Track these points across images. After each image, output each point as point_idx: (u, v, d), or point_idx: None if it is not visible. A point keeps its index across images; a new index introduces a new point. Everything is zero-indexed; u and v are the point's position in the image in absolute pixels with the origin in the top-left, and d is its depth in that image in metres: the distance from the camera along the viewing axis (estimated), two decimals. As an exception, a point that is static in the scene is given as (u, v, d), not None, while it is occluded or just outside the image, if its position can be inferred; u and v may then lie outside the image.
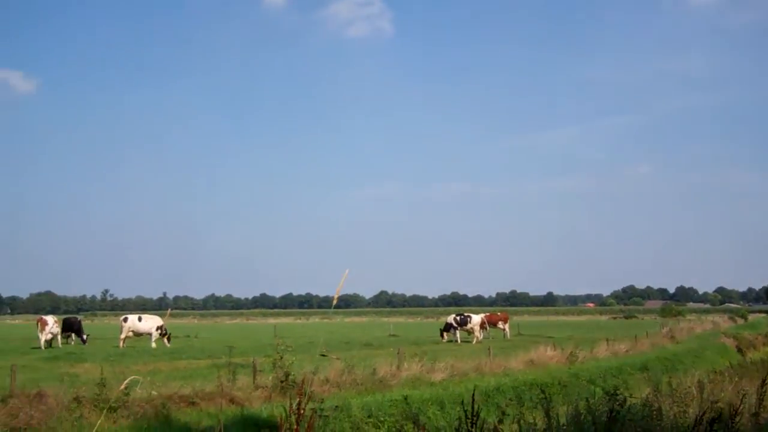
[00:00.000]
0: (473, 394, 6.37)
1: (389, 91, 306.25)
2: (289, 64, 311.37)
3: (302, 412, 4.34)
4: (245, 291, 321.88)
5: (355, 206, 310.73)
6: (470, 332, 46.23)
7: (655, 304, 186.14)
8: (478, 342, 44.11)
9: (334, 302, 5.94)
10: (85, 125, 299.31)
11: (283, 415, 4.50)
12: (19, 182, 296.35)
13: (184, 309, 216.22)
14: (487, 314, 53.02)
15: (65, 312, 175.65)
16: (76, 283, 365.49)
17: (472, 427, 6.05)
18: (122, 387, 8.51)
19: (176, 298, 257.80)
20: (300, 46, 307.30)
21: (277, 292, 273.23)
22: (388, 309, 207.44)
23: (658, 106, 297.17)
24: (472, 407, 6.08)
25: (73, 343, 42.69)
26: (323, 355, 27.13)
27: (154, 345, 39.04)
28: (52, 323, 39.89)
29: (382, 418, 15.44)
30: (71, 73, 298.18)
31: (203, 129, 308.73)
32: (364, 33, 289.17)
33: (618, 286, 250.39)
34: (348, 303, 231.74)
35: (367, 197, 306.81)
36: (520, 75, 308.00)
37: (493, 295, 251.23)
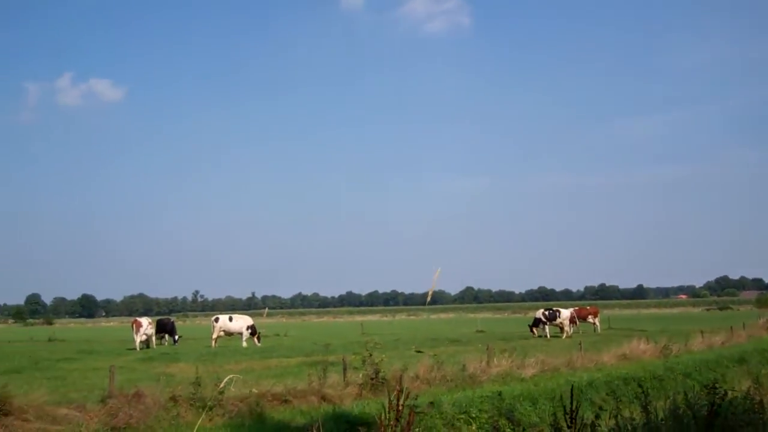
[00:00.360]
0: (572, 390, 6.25)
1: (472, 84, 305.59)
2: (369, 62, 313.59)
3: (401, 408, 4.31)
4: (331, 289, 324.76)
5: (439, 201, 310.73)
6: (560, 327, 45.60)
7: (751, 294, 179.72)
8: (568, 337, 43.50)
9: (428, 299, 5.92)
10: (173, 130, 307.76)
11: (382, 411, 4.49)
12: (110, 188, 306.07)
13: (272, 308, 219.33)
14: (577, 308, 52.31)
15: (157, 314, 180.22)
16: (167, 285, 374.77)
17: (571, 422, 5.93)
18: (221, 385, 8.71)
19: (264, 298, 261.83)
20: (379, 44, 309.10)
21: (363, 290, 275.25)
22: (474, 305, 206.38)
23: (754, 92, 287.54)
24: (571, 403, 5.96)
25: (166, 343, 43.73)
26: (419, 351, 27.15)
27: (245, 344, 39.68)
28: (147, 325, 40.90)
29: (474, 414, 15.33)
30: (158, 82, 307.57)
31: (286, 130, 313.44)
32: (442, 28, 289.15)
33: (711, 277, 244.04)
34: (434, 299, 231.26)
35: (450, 192, 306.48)
36: (609, 61, 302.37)
37: (582, 289, 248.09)
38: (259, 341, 40.58)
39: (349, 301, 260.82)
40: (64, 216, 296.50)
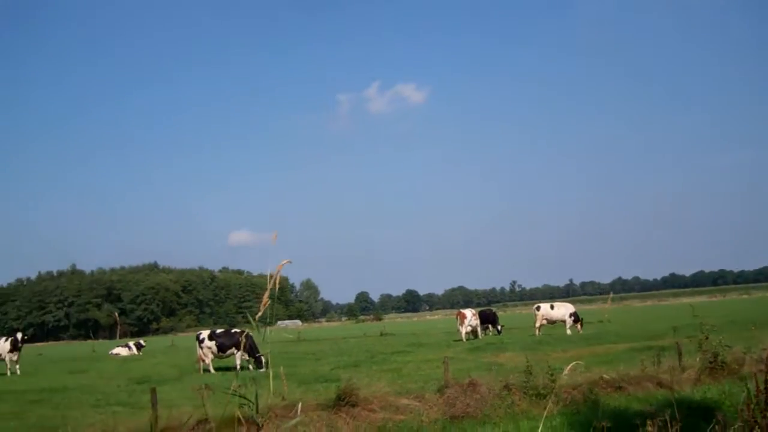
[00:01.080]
0: None
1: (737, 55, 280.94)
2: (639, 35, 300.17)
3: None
4: (653, 272, 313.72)
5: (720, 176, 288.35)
6: None
7: None
8: None
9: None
10: (480, 125, 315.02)
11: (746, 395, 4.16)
12: (426, 186, 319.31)
13: (591, 294, 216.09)
14: None
15: (477, 305, 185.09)
16: (484, 277, 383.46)
17: None
18: (566, 372, 8.74)
19: (583, 284, 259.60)
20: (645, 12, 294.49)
21: (687, 271, 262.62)
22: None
23: None
24: None
25: (490, 333, 44.58)
26: None
27: (569, 332, 39.37)
28: (471, 316, 41.97)
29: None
30: (457, 81, 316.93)
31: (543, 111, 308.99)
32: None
33: None
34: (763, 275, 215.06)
35: (729, 165, 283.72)
36: None
37: None
38: (581, 328, 40.07)
39: (673, 283, 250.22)
40: (378, 215, 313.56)
